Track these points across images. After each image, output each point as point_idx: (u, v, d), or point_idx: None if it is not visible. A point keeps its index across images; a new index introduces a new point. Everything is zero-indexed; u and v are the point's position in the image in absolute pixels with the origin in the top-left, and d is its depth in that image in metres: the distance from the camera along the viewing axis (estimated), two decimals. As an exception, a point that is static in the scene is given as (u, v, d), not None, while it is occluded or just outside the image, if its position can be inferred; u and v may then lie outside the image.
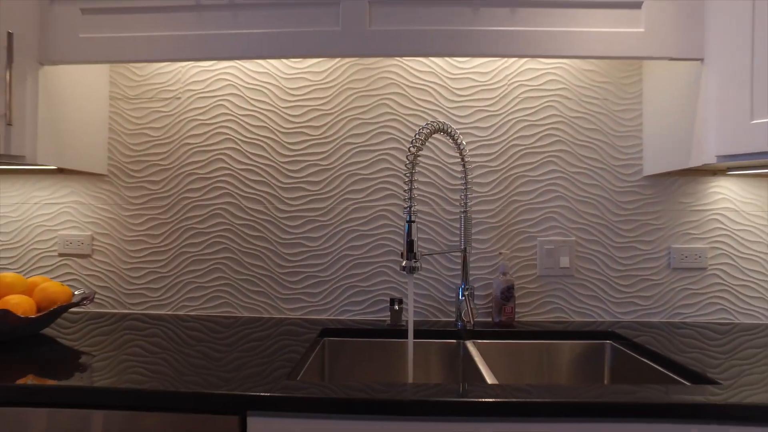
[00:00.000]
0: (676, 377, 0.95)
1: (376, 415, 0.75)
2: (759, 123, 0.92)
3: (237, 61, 1.35)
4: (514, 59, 1.33)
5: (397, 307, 1.27)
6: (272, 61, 1.35)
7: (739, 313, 1.31)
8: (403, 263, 1.03)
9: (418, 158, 1.29)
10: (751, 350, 1.02)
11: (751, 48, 0.93)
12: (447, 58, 1.33)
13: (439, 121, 1.07)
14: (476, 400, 0.73)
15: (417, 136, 1.03)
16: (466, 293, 1.23)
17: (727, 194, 1.31)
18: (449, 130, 1.11)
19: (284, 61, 1.35)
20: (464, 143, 1.19)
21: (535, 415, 0.73)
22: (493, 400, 0.73)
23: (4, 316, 0.92)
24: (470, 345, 1.15)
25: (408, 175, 1.02)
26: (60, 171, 1.33)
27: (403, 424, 0.74)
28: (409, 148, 1.03)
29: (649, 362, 1.03)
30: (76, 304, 1.09)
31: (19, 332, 0.99)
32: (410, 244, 1.03)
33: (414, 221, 1.03)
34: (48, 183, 1.38)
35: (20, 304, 0.98)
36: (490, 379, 0.93)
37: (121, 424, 0.78)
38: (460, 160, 1.28)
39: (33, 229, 1.37)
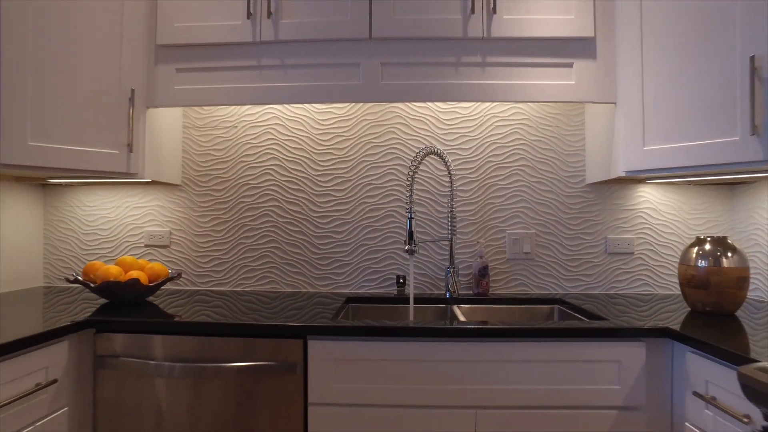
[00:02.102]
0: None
1: (391, 337, 1.17)
2: (649, 149, 1.35)
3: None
4: (488, 97, 1.75)
5: (401, 282, 1.68)
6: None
7: (658, 286, 1.72)
8: (405, 247, 1.44)
9: (416, 173, 1.69)
10: (667, 314, 1.32)
11: (642, 98, 1.36)
12: (438, 96, 1.75)
13: (432, 146, 1.49)
14: (458, 326, 1.15)
15: (415, 157, 1.44)
16: (453, 271, 1.63)
17: (648, 197, 1.72)
18: (439, 152, 1.52)
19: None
20: (450, 160, 1.60)
21: (497, 336, 1.15)
22: (469, 326, 1.15)
23: (136, 284, 1.35)
24: (455, 308, 1.56)
25: (409, 184, 1.44)
26: (147, 182, 1.75)
27: (409, 344, 1.16)
28: (409, 166, 1.43)
29: (580, 316, 1.43)
30: (173, 278, 1.50)
31: (141, 296, 1.41)
32: (410, 234, 1.44)
33: (413, 218, 1.44)
34: (137, 191, 1.80)
35: (140, 276, 1.40)
36: (466, 324, 1.34)
37: (217, 344, 1.19)
38: (447, 173, 1.69)
39: (125, 226, 1.80)
